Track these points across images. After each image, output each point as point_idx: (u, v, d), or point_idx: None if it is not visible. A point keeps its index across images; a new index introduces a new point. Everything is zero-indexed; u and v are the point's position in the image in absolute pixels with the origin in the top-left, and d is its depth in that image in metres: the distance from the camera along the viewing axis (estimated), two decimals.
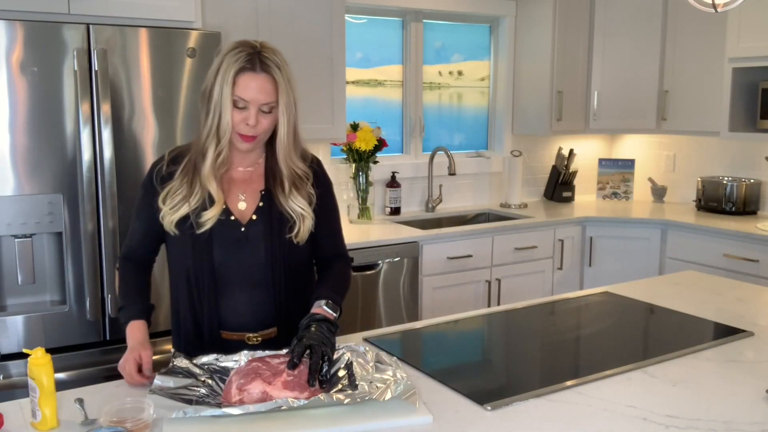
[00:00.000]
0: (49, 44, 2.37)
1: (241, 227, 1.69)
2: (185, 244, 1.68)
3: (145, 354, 1.62)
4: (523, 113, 4.45)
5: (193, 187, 1.66)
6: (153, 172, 1.73)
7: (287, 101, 1.63)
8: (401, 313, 3.43)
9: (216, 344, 1.69)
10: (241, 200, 1.71)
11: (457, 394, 1.53)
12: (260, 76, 1.60)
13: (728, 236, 3.58)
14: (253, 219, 1.70)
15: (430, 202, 4.17)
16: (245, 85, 1.60)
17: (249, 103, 1.61)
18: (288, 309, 1.72)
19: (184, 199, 1.65)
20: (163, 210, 1.67)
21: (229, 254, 1.68)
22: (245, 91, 1.60)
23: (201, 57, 2.65)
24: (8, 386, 2.35)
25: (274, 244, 1.69)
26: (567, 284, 4.02)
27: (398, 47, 4.14)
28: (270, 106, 1.62)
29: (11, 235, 2.39)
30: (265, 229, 1.69)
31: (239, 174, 1.73)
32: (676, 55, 4.14)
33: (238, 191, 1.72)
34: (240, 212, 1.70)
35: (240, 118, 1.62)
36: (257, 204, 1.71)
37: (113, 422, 1.29)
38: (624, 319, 2.17)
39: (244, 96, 1.60)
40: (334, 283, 1.75)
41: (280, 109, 1.63)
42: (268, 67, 1.61)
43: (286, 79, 1.63)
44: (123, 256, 1.82)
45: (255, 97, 1.60)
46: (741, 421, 1.42)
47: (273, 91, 1.61)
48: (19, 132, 2.35)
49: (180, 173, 1.68)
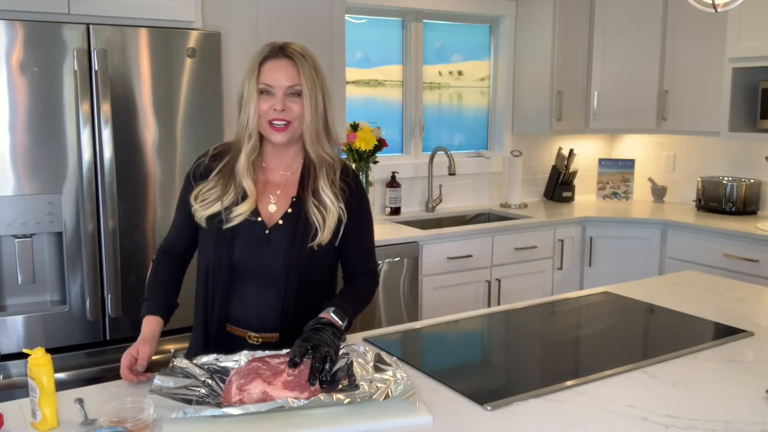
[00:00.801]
0: (49, 44, 2.37)
1: (265, 229, 1.70)
2: (210, 237, 1.71)
3: (143, 349, 1.62)
4: (523, 113, 4.45)
5: (227, 187, 1.69)
6: (195, 166, 1.76)
7: (312, 86, 1.65)
8: (401, 313, 3.43)
9: (221, 336, 1.72)
10: (272, 203, 1.73)
11: (457, 394, 1.53)
12: (282, 61, 1.65)
13: (728, 236, 3.58)
14: (279, 223, 1.71)
15: (430, 202, 4.17)
16: (269, 70, 1.65)
17: (273, 88, 1.64)
18: (294, 317, 1.71)
19: (217, 198, 1.68)
20: (194, 206, 1.70)
21: (249, 253, 1.69)
22: (269, 77, 1.64)
23: (201, 57, 2.65)
24: (8, 386, 2.35)
25: (294, 252, 1.69)
26: (567, 284, 4.02)
27: (398, 47, 4.14)
28: (295, 89, 1.65)
29: (11, 235, 2.39)
30: (288, 236, 1.69)
31: (276, 177, 1.75)
32: (676, 55, 4.14)
33: (270, 194, 1.74)
34: (269, 215, 1.71)
35: (267, 105, 1.65)
36: (286, 210, 1.72)
37: (113, 422, 1.29)
38: (624, 319, 2.17)
39: (268, 81, 1.64)
40: (351, 295, 1.75)
41: (304, 92, 1.65)
42: (289, 53, 1.65)
43: (311, 67, 1.66)
44: (161, 248, 1.84)
45: (278, 81, 1.64)
46: (741, 421, 1.42)
47: (296, 75, 1.65)
48: (19, 132, 2.35)
49: (217, 172, 1.71)
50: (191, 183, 1.74)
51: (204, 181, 1.71)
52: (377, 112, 4.09)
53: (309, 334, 1.52)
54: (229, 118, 2.88)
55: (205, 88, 2.68)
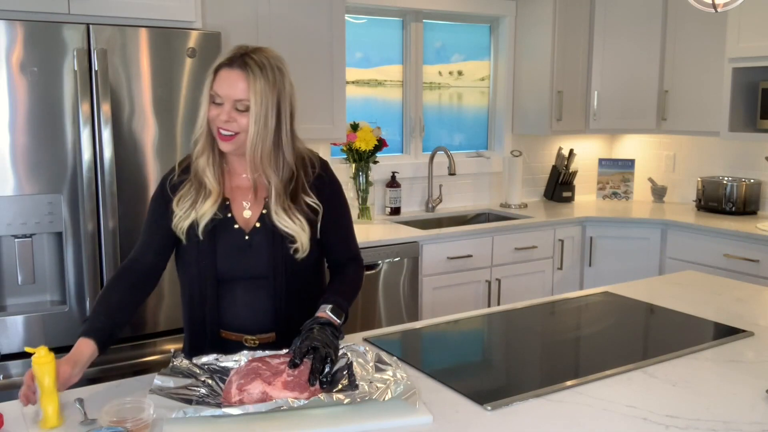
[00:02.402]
0: (49, 44, 2.37)
1: (245, 235, 1.69)
2: (191, 252, 1.69)
3: (63, 369, 1.43)
4: (523, 113, 4.45)
5: (199, 188, 1.67)
6: (165, 182, 1.72)
7: (262, 101, 1.59)
8: (401, 313, 3.43)
9: (216, 343, 1.70)
10: (246, 208, 1.71)
11: (457, 394, 1.53)
12: (234, 72, 1.59)
13: (728, 236, 3.58)
14: (257, 227, 1.69)
15: (430, 202, 4.17)
16: (220, 80, 1.61)
17: (223, 99, 1.61)
18: (288, 315, 1.72)
19: (192, 204, 1.66)
20: (177, 215, 1.67)
21: (232, 261, 1.69)
22: (219, 86, 1.61)
23: (201, 57, 2.65)
24: (8, 386, 2.35)
25: (277, 253, 1.68)
26: (567, 284, 4.02)
27: (398, 47, 4.14)
28: (244, 104, 1.60)
29: (11, 235, 2.39)
30: (268, 237, 1.68)
31: (244, 181, 1.72)
32: (676, 55, 4.14)
33: (242, 199, 1.71)
34: (245, 220, 1.70)
35: (216, 113, 1.62)
36: (261, 211, 1.70)
37: (113, 422, 1.29)
38: (624, 319, 2.17)
39: (218, 90, 1.61)
40: (342, 288, 1.74)
41: (252, 107, 1.59)
42: (246, 65, 1.59)
43: (268, 80, 1.59)
44: (123, 266, 1.76)
45: (226, 92, 1.60)
46: (741, 421, 1.42)
47: (245, 89, 1.59)
48: (19, 132, 2.35)
49: (188, 180, 1.69)
50: (167, 197, 1.69)
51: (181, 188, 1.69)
52: (377, 112, 4.09)
53: (308, 334, 1.52)
54: None
55: None
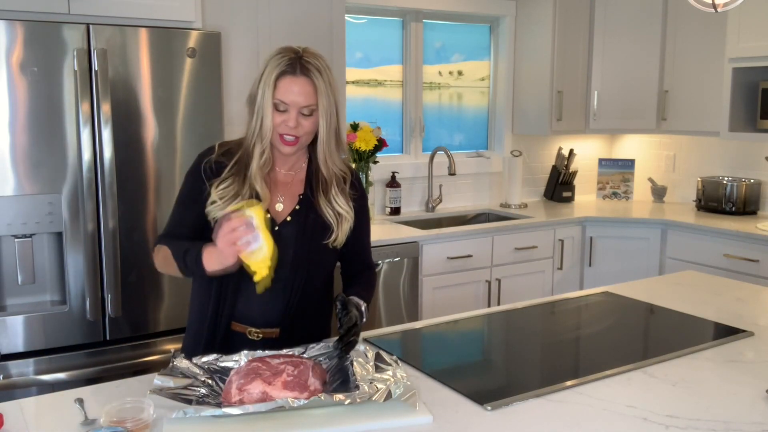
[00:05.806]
0: (49, 44, 2.37)
1: (275, 226, 1.71)
2: None
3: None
4: (523, 113, 4.45)
5: (243, 185, 1.69)
6: (202, 162, 1.73)
7: (327, 104, 1.67)
8: (401, 313, 3.43)
9: (221, 336, 1.72)
10: (279, 202, 1.75)
11: (457, 394, 1.53)
12: (300, 79, 1.64)
13: (728, 236, 3.58)
14: (288, 220, 1.73)
15: (430, 202, 4.17)
16: (285, 88, 1.64)
17: (289, 106, 1.65)
18: (295, 313, 1.75)
19: (236, 195, 1.67)
20: (216, 201, 1.67)
21: None
22: (285, 94, 1.64)
23: (201, 57, 2.65)
24: (8, 386, 2.35)
25: (303, 248, 1.73)
26: (567, 284, 4.02)
27: (398, 47, 4.14)
28: (310, 108, 1.66)
29: (11, 235, 2.39)
30: (297, 232, 1.73)
31: (281, 176, 1.77)
32: (676, 55, 4.14)
33: (278, 193, 1.76)
34: (276, 213, 1.74)
35: (280, 120, 1.66)
36: (294, 207, 1.75)
37: (113, 422, 1.29)
38: (624, 319, 2.17)
39: (284, 99, 1.64)
40: (362, 288, 1.81)
41: (320, 112, 1.67)
42: (307, 70, 1.64)
43: (327, 83, 1.66)
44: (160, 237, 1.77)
45: (294, 100, 1.64)
46: (741, 421, 1.42)
47: (312, 94, 1.65)
48: (19, 132, 2.35)
49: (231, 169, 1.70)
50: (202, 179, 1.71)
51: (217, 178, 1.70)
52: (377, 112, 4.09)
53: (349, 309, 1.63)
54: (229, 118, 2.89)
55: (205, 88, 2.68)
